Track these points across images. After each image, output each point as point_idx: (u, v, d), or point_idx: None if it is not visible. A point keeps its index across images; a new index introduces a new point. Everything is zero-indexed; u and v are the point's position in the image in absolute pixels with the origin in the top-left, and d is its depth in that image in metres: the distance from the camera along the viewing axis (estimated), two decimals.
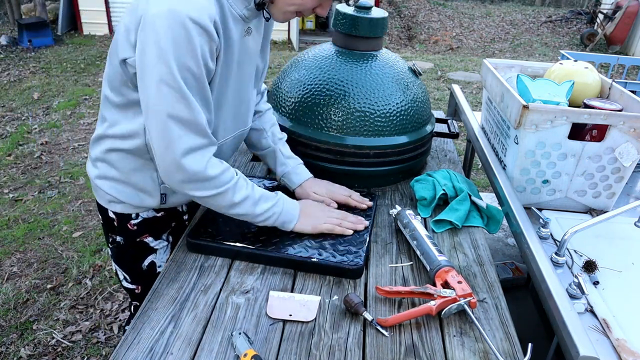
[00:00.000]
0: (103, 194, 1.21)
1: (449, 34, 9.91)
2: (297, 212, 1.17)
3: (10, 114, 4.77)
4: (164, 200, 1.21)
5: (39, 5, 8.12)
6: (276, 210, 1.13)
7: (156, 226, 1.27)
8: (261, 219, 1.12)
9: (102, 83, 1.12)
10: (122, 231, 1.25)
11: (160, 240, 1.29)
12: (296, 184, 1.32)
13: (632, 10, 8.39)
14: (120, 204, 1.20)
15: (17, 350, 2.11)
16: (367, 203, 1.32)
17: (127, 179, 1.17)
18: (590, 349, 0.84)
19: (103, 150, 1.16)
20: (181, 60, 0.92)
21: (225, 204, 1.08)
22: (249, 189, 1.10)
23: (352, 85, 1.38)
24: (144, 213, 1.23)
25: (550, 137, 1.28)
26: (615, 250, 1.24)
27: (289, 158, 1.35)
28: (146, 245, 1.27)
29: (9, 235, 2.89)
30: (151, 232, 1.27)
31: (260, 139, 1.36)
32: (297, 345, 0.91)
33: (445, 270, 1.03)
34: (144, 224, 1.24)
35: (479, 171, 3.78)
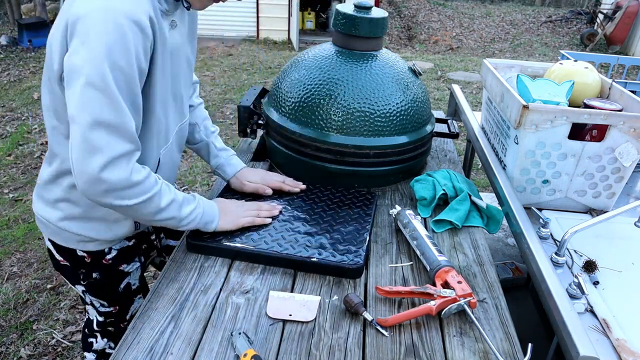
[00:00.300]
0: (70, 236, 1.16)
1: (449, 34, 9.91)
2: (217, 211, 1.15)
3: (10, 114, 4.77)
4: (137, 226, 1.20)
5: (39, 5, 8.12)
6: (199, 211, 1.10)
7: (129, 254, 1.26)
8: (186, 221, 1.09)
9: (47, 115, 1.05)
10: (96, 267, 1.22)
11: (133, 262, 1.28)
12: (230, 175, 1.34)
13: (632, 10, 8.39)
14: (92, 242, 1.17)
15: (17, 350, 2.11)
16: (300, 186, 1.34)
17: (94, 214, 1.13)
18: (590, 349, 0.84)
19: (64, 188, 1.10)
20: (113, 60, 0.87)
21: (152, 210, 1.02)
22: (171, 193, 1.06)
23: (352, 86, 1.38)
24: (116, 245, 1.22)
25: (550, 137, 1.28)
26: (615, 250, 1.24)
27: (221, 150, 1.37)
28: (122, 272, 1.26)
29: (9, 235, 2.89)
30: (125, 260, 1.26)
31: (193, 133, 1.36)
32: (297, 345, 0.91)
33: (445, 270, 1.03)
34: (118, 256, 1.23)
35: (479, 171, 3.78)
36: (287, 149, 1.45)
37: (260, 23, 8.37)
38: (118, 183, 0.94)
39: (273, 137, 1.50)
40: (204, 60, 6.83)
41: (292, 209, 1.28)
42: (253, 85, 5.50)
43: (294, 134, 1.41)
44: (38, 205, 1.17)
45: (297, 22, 7.90)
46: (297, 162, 1.44)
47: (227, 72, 6.27)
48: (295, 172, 1.48)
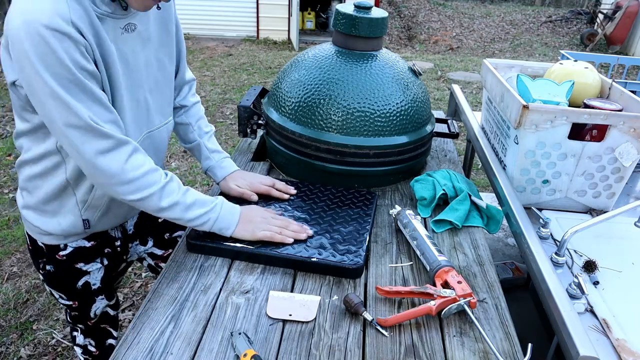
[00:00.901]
0: (29, 225, 1.19)
1: (449, 34, 9.91)
2: (237, 218, 1.13)
3: (10, 114, 4.77)
4: (87, 225, 1.18)
5: None
6: (212, 216, 1.10)
7: (86, 255, 1.24)
8: (195, 224, 1.10)
9: None
10: (51, 260, 1.22)
11: (93, 263, 1.27)
12: (220, 178, 1.33)
13: (632, 10, 8.39)
14: (47, 235, 1.18)
15: (17, 350, 2.11)
16: (290, 192, 1.31)
17: (48, 207, 1.14)
18: (590, 349, 0.84)
19: (24, 177, 1.14)
20: (53, 70, 0.88)
21: (152, 209, 1.06)
22: (179, 193, 1.07)
23: (352, 85, 1.38)
24: (73, 243, 1.21)
25: (550, 137, 1.28)
26: (615, 250, 1.24)
27: (213, 152, 1.35)
28: (78, 270, 1.25)
29: (9, 235, 2.89)
30: (82, 259, 1.24)
31: (187, 133, 1.35)
32: (297, 345, 0.91)
33: (445, 270, 1.03)
34: (73, 254, 1.22)
35: (479, 171, 3.78)
36: (287, 149, 1.45)
37: (260, 23, 8.37)
38: (113, 176, 0.99)
39: (273, 137, 1.50)
40: (204, 60, 6.84)
41: (292, 209, 1.28)
42: (253, 85, 5.51)
43: (294, 134, 1.41)
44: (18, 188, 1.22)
45: (297, 22, 7.89)
46: (297, 162, 1.44)
47: (227, 72, 6.27)
48: (295, 172, 1.48)
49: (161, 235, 1.43)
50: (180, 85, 1.34)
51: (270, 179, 1.35)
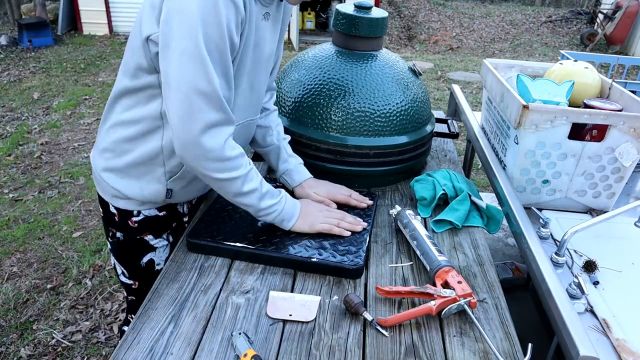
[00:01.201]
0: (107, 188, 1.20)
1: (449, 34, 9.91)
2: (298, 212, 1.17)
3: (10, 114, 4.77)
4: (169, 194, 1.20)
5: (39, 5, 8.12)
6: (278, 207, 1.13)
7: (157, 225, 1.26)
8: (263, 213, 1.12)
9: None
10: (122, 227, 1.24)
11: (160, 239, 1.29)
12: (297, 182, 1.33)
13: (632, 10, 8.39)
14: (123, 199, 1.20)
15: (17, 350, 2.11)
16: (367, 202, 1.32)
17: (133, 171, 1.15)
18: (590, 349, 0.84)
19: (115, 139, 1.14)
20: (207, 31, 0.90)
21: (233, 191, 1.07)
22: (257, 181, 1.09)
23: (352, 86, 1.38)
24: (145, 211, 1.23)
25: (550, 137, 1.28)
26: (615, 250, 1.24)
27: (291, 156, 1.36)
28: (146, 243, 1.27)
29: (9, 235, 2.89)
30: (152, 230, 1.26)
31: (265, 136, 1.36)
32: (297, 345, 0.91)
33: (445, 270, 1.03)
34: (145, 222, 1.24)
35: (479, 171, 3.78)
36: None
37: None
38: (211, 151, 0.99)
39: None
40: None
41: None
42: None
43: (294, 134, 1.41)
44: (93, 153, 1.23)
45: (297, 22, 7.89)
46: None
47: None
48: None
49: None
50: (268, 89, 1.36)
51: (348, 189, 1.33)
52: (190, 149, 0.99)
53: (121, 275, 1.33)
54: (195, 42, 0.90)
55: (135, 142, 1.12)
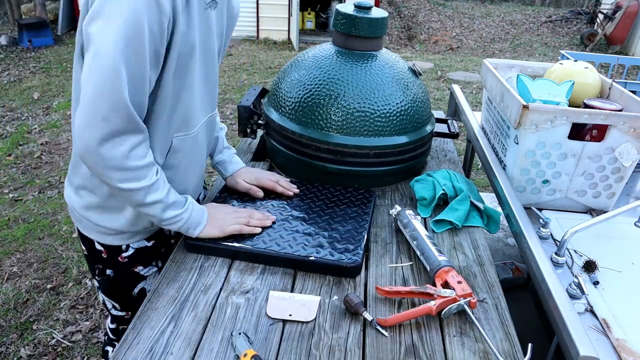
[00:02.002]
0: (91, 225, 1.16)
1: (449, 34, 9.91)
2: (205, 219, 1.13)
3: (10, 114, 4.77)
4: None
5: (39, 5, 8.12)
6: (184, 216, 1.10)
7: (147, 255, 1.24)
8: (166, 223, 1.09)
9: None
10: (112, 264, 1.21)
11: (150, 266, 1.27)
12: (229, 173, 1.35)
13: (632, 10, 8.39)
14: (110, 235, 1.16)
15: (17, 350, 2.11)
16: (294, 190, 1.33)
17: (111, 204, 1.12)
18: (590, 349, 0.84)
19: (82, 175, 1.11)
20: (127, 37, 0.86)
21: (135, 201, 1.03)
22: (163, 192, 1.05)
23: (352, 85, 1.38)
24: (135, 244, 1.20)
25: (550, 137, 1.28)
26: (615, 250, 1.24)
27: (226, 148, 1.39)
28: (137, 275, 1.25)
29: (9, 235, 2.89)
30: (142, 262, 1.24)
31: None
32: (297, 345, 0.91)
33: (445, 270, 1.03)
34: (135, 255, 1.21)
35: (479, 171, 3.78)
36: (287, 149, 1.45)
37: (260, 23, 8.36)
38: (111, 160, 0.95)
39: (273, 137, 1.50)
40: None
41: (290, 207, 1.28)
42: (253, 85, 5.50)
43: (294, 134, 1.41)
44: (67, 190, 1.19)
45: (297, 22, 7.89)
46: (297, 162, 1.44)
47: (227, 72, 6.27)
48: (295, 172, 1.48)
49: None
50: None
51: (276, 175, 1.36)
52: (90, 156, 0.95)
53: (112, 309, 1.30)
54: (112, 47, 0.86)
55: None
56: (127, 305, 1.29)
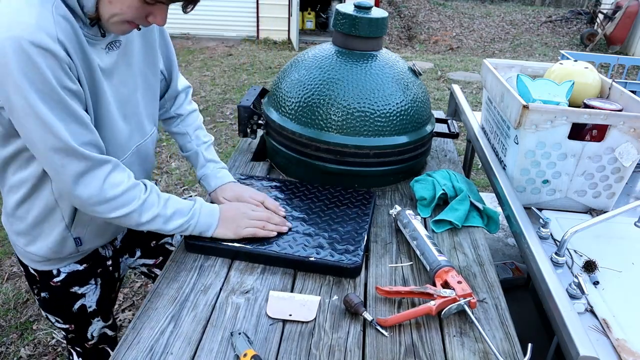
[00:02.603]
0: (22, 251, 1.16)
1: (449, 34, 9.91)
2: (216, 219, 1.13)
3: None
4: (79, 243, 1.15)
5: None
6: (191, 222, 1.10)
7: (80, 278, 1.22)
8: (176, 232, 1.10)
9: None
10: (45, 287, 1.20)
11: (88, 285, 1.25)
12: (212, 188, 1.30)
13: (632, 10, 8.38)
14: (40, 262, 1.16)
15: (17, 350, 2.11)
16: (280, 213, 1.23)
17: (38, 231, 1.11)
18: (590, 349, 0.84)
19: (12, 204, 1.10)
20: (36, 87, 0.85)
21: (133, 224, 1.05)
22: (160, 206, 1.05)
23: (352, 85, 1.38)
24: (65, 268, 1.18)
25: (550, 137, 1.28)
26: (615, 250, 1.24)
27: (210, 161, 1.33)
28: (73, 294, 1.23)
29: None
30: (76, 283, 1.22)
31: (184, 143, 1.34)
32: (297, 345, 0.91)
33: (445, 270, 1.03)
34: (67, 279, 1.20)
35: (479, 171, 3.78)
36: (287, 149, 1.45)
37: (260, 23, 8.36)
38: (90, 198, 0.98)
39: (273, 137, 1.50)
40: (204, 60, 6.83)
41: (291, 208, 1.28)
42: (253, 85, 5.51)
43: (294, 134, 1.41)
44: (2, 217, 1.17)
45: (297, 22, 7.89)
46: (297, 162, 1.44)
47: (227, 72, 6.27)
48: (295, 172, 1.48)
49: (148, 244, 1.43)
50: (174, 94, 1.32)
51: (262, 195, 1.26)
52: (73, 200, 0.99)
53: (56, 323, 1.29)
54: (30, 101, 0.85)
55: (30, 200, 1.07)
56: (69, 319, 1.27)
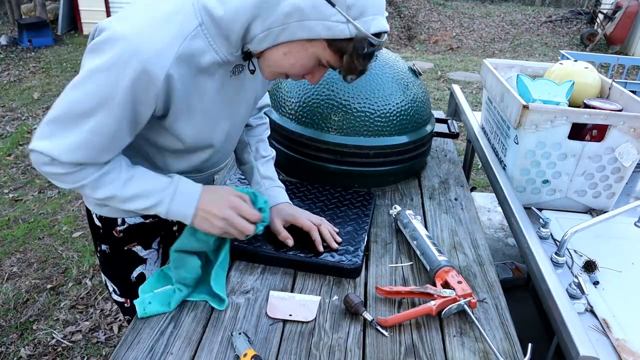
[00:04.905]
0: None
1: (449, 34, 9.91)
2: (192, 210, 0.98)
3: (10, 114, 4.77)
4: None
5: (39, 5, 8.12)
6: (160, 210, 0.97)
7: (144, 233, 1.20)
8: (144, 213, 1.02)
9: None
10: (107, 239, 1.18)
11: (150, 249, 1.22)
12: None
13: (632, 10, 8.38)
14: (106, 206, 1.13)
15: (17, 350, 2.11)
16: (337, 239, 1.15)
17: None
18: (590, 349, 0.84)
19: None
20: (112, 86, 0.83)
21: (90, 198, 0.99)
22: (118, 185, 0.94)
23: (352, 86, 1.38)
24: (130, 219, 1.16)
25: (550, 137, 1.28)
26: (615, 250, 1.24)
27: (265, 178, 1.24)
28: (135, 255, 1.20)
29: (9, 235, 2.89)
30: (139, 240, 1.20)
31: (242, 153, 1.28)
32: (297, 345, 0.91)
33: (445, 270, 1.03)
34: (130, 231, 1.17)
35: (479, 171, 3.78)
36: (287, 149, 1.45)
37: None
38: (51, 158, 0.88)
39: (273, 137, 1.50)
40: None
41: None
42: None
43: (294, 134, 1.41)
44: None
45: None
46: (297, 162, 1.44)
47: None
48: (295, 172, 1.48)
49: None
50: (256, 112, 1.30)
51: (319, 219, 1.18)
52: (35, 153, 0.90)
53: (113, 293, 1.27)
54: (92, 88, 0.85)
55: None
56: (126, 290, 1.25)
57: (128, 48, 0.82)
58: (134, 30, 0.83)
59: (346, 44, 0.86)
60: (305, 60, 0.90)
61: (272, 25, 0.86)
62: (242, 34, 0.89)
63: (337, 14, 0.83)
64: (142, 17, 0.85)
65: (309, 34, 0.85)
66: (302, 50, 0.88)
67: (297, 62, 0.90)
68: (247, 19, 0.87)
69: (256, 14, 0.86)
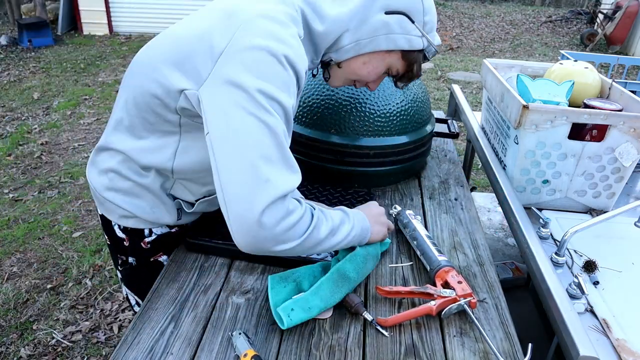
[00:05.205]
0: (114, 208, 1.09)
1: (449, 34, 9.91)
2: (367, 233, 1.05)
3: (10, 114, 4.77)
4: (179, 216, 1.13)
5: (39, 5, 8.13)
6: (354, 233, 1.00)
7: (170, 243, 1.18)
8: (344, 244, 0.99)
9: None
10: (134, 251, 1.16)
11: None
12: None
13: (632, 10, 8.38)
14: (133, 218, 1.10)
15: (17, 350, 2.11)
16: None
17: (140, 193, 1.07)
18: (590, 349, 0.84)
19: (117, 161, 1.05)
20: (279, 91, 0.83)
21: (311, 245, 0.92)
22: (328, 219, 0.95)
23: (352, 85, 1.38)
24: (157, 229, 1.15)
25: (550, 137, 1.28)
26: (615, 250, 1.24)
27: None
28: (161, 265, 1.18)
29: (9, 235, 2.89)
30: (164, 249, 1.18)
31: None
32: (297, 345, 0.91)
33: (446, 270, 1.03)
34: (158, 242, 1.16)
35: (479, 171, 3.78)
36: None
37: None
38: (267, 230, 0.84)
39: None
40: None
41: None
42: None
43: (294, 134, 1.41)
44: (90, 172, 1.13)
45: None
46: (297, 162, 1.43)
47: None
48: None
49: None
50: None
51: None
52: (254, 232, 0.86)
53: (135, 305, 1.26)
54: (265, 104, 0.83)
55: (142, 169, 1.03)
56: None
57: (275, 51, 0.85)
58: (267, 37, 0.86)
59: (417, 54, 1.01)
60: (380, 68, 1.01)
61: (360, 37, 0.96)
62: (330, 44, 0.96)
63: (415, 29, 0.96)
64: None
65: (391, 46, 0.97)
66: (381, 60, 1.00)
67: (373, 71, 1.00)
68: (340, 31, 0.95)
69: (347, 27, 0.95)
